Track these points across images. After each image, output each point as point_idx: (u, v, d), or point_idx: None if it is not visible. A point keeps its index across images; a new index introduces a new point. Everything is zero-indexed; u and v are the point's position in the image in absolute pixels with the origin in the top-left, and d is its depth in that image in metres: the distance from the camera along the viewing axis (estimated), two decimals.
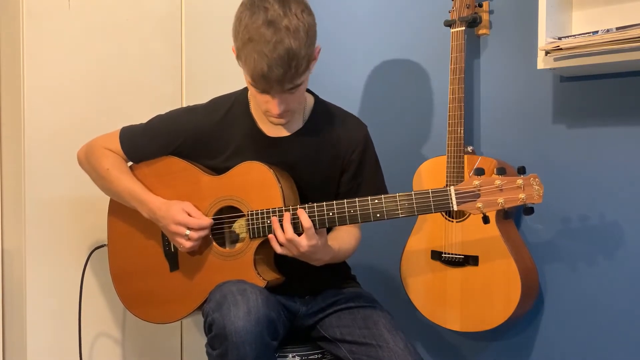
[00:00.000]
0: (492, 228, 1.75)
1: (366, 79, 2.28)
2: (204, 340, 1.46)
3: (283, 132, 1.64)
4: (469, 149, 1.88)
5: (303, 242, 1.45)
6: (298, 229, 1.47)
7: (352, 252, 1.67)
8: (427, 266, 1.89)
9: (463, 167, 1.79)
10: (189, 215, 1.57)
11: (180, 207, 1.58)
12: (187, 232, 1.55)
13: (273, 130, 1.64)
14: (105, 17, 2.00)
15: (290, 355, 1.60)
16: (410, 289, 1.94)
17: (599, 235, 1.75)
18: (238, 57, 1.45)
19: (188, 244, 1.56)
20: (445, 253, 1.85)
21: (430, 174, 1.90)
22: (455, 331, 1.90)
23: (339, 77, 2.34)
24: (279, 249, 1.50)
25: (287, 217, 1.47)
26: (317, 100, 1.69)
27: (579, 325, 1.79)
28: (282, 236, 1.47)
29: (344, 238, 1.63)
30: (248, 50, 1.40)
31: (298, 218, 1.46)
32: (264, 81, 1.42)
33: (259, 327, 1.37)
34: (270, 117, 1.54)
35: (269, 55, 1.38)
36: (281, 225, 1.48)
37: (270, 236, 1.50)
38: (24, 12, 1.83)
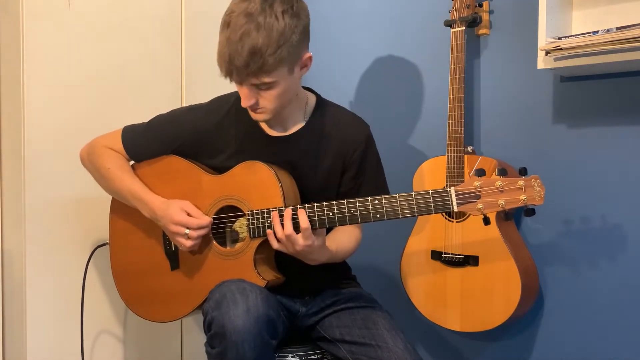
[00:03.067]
0: (493, 229, 1.75)
1: (366, 78, 2.28)
2: (204, 339, 1.46)
3: (284, 131, 1.64)
4: (469, 149, 1.88)
5: (299, 240, 1.46)
6: (297, 229, 1.47)
7: (352, 252, 1.67)
8: (427, 266, 1.89)
9: (463, 167, 1.79)
10: (189, 214, 1.57)
11: (179, 207, 1.58)
12: (187, 231, 1.55)
13: (274, 129, 1.64)
14: (105, 17, 2.00)
15: (290, 356, 1.60)
16: (410, 289, 1.94)
17: (599, 236, 1.75)
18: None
19: (188, 244, 1.56)
20: (445, 253, 1.85)
21: (431, 174, 1.90)
22: (455, 331, 1.90)
23: (339, 77, 2.34)
24: (276, 245, 1.50)
25: (287, 213, 1.48)
26: (319, 100, 1.69)
27: (579, 325, 1.79)
28: (281, 232, 1.48)
29: (343, 238, 1.63)
30: (222, 33, 1.45)
31: (297, 218, 1.47)
32: (225, 66, 1.45)
33: (257, 325, 1.37)
34: (249, 111, 1.55)
35: (234, 43, 1.41)
36: (281, 222, 1.48)
37: (269, 231, 1.50)
38: (24, 12, 1.83)
